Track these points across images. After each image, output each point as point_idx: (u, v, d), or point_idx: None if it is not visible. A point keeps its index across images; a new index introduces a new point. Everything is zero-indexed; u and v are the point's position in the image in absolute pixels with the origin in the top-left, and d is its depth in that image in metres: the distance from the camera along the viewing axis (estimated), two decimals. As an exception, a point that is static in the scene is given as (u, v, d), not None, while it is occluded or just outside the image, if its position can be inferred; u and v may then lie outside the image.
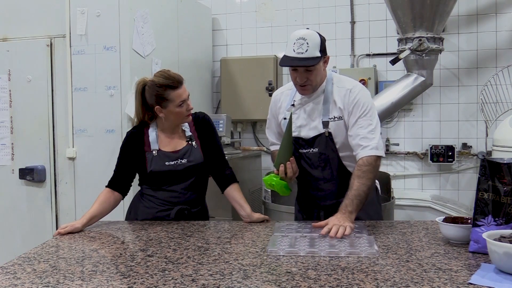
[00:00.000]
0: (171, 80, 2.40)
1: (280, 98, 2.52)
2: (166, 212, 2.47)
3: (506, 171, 1.76)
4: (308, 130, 2.39)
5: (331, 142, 2.35)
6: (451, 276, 1.54)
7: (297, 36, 2.24)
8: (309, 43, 2.23)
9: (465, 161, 4.40)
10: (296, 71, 2.30)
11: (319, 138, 2.36)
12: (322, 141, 2.36)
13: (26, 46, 3.55)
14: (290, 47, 2.25)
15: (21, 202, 3.58)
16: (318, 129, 2.37)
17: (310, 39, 2.23)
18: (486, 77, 4.25)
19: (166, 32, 3.84)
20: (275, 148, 2.58)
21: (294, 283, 1.51)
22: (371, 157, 2.23)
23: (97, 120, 3.39)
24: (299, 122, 2.41)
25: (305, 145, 2.40)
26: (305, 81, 2.30)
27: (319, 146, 2.37)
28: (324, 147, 2.36)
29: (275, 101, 2.55)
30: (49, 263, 1.77)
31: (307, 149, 2.40)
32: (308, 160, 2.41)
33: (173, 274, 1.61)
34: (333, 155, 2.37)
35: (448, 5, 3.89)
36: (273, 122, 2.57)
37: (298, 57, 2.24)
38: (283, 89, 2.57)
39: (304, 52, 2.22)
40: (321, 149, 2.37)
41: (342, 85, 2.39)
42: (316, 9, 4.68)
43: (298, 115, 2.42)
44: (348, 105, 2.32)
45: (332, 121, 2.34)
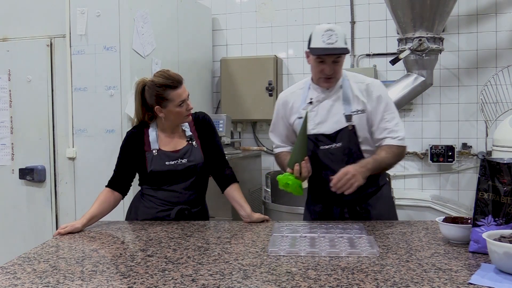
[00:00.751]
0: (171, 80, 2.40)
1: (289, 99, 2.52)
2: (166, 212, 2.47)
3: (506, 171, 1.76)
4: (329, 125, 2.40)
5: (354, 136, 2.38)
6: (451, 276, 1.54)
7: (325, 29, 2.31)
8: (337, 34, 2.30)
9: (465, 161, 4.40)
10: (323, 63, 2.35)
11: (342, 132, 2.38)
12: (345, 135, 2.38)
13: (26, 46, 3.55)
14: (318, 39, 2.31)
15: (21, 202, 3.58)
16: (340, 123, 2.39)
17: (337, 31, 2.31)
18: (486, 77, 4.25)
19: (166, 32, 3.84)
20: (280, 151, 2.59)
21: (294, 283, 1.51)
22: (399, 147, 2.39)
23: (97, 120, 3.39)
24: (318, 119, 2.42)
25: (327, 140, 2.40)
26: (332, 73, 2.35)
27: (342, 140, 2.38)
28: (347, 140, 2.38)
29: (284, 103, 2.54)
30: (49, 263, 1.77)
31: (330, 145, 2.40)
32: (331, 156, 2.40)
33: (173, 274, 1.61)
34: (355, 149, 2.39)
35: (448, 5, 3.89)
36: (280, 124, 2.56)
37: (333, 47, 2.29)
38: (290, 89, 2.58)
39: (334, 43, 2.29)
40: (344, 143, 2.38)
41: (358, 80, 2.47)
42: (316, 9, 4.69)
43: (316, 112, 2.42)
44: (370, 99, 2.40)
45: (355, 115, 2.38)
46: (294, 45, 4.76)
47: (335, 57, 2.34)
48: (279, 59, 4.70)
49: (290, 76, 4.78)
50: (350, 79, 2.46)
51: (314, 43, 2.33)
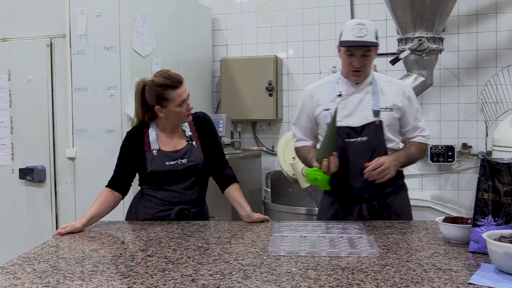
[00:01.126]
0: (171, 80, 2.40)
1: (316, 92, 2.56)
2: (166, 212, 2.47)
3: (506, 171, 1.76)
4: (357, 118, 2.43)
5: (380, 131, 2.41)
6: (451, 276, 1.54)
7: (355, 23, 2.39)
8: (368, 28, 2.36)
9: (465, 161, 4.40)
10: (353, 56, 2.40)
11: (368, 127, 2.41)
12: (372, 129, 2.41)
13: (26, 46, 3.55)
14: (349, 33, 2.37)
15: (21, 202, 3.58)
16: (368, 118, 2.42)
17: (368, 25, 2.38)
18: (486, 77, 4.25)
19: (166, 32, 3.84)
20: (301, 144, 2.60)
21: (294, 283, 1.51)
22: (426, 144, 2.56)
23: (97, 120, 3.39)
24: (346, 111, 2.44)
25: (353, 133, 2.42)
26: (361, 66, 2.40)
27: (368, 134, 2.41)
28: (373, 135, 2.41)
29: (310, 96, 2.57)
30: (49, 263, 1.77)
31: (355, 138, 2.42)
32: (355, 149, 2.42)
33: (173, 274, 1.61)
34: (380, 145, 2.42)
35: (448, 5, 3.89)
36: (304, 117, 2.58)
37: (359, 40, 2.35)
38: (317, 83, 2.62)
39: (364, 36, 2.35)
40: (370, 137, 2.41)
41: (389, 80, 2.57)
42: (316, 9, 4.69)
43: (344, 105, 2.46)
44: (402, 99, 2.48)
45: (383, 111, 2.43)
46: (294, 45, 4.76)
47: (364, 50, 2.39)
48: (279, 59, 4.69)
49: (290, 76, 4.78)
50: (380, 77, 2.55)
51: (344, 36, 2.39)
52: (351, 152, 2.42)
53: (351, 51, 2.40)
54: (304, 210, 3.72)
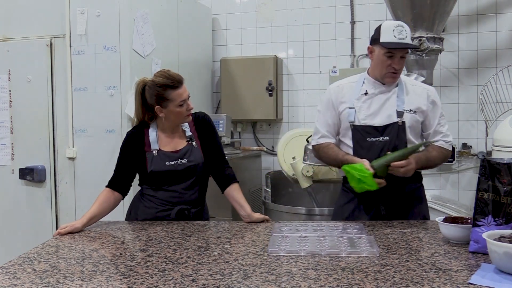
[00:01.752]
0: (171, 80, 2.40)
1: (342, 89, 2.55)
2: (166, 212, 2.47)
3: (506, 171, 1.76)
4: (381, 118, 2.45)
5: (402, 132, 2.43)
6: (451, 276, 1.54)
7: (395, 24, 2.40)
8: (406, 31, 2.39)
9: (465, 161, 4.40)
10: (392, 58, 2.40)
11: (391, 127, 2.43)
12: (394, 130, 2.43)
13: (26, 46, 3.55)
14: (389, 34, 2.37)
15: (21, 202, 3.58)
16: (391, 118, 2.44)
17: (406, 27, 2.42)
18: (486, 77, 4.25)
19: (166, 32, 3.84)
20: (325, 141, 2.57)
21: (294, 283, 1.51)
22: (448, 150, 2.56)
23: (97, 120, 3.39)
24: (371, 110, 2.46)
25: (375, 133, 2.44)
26: (399, 67, 2.42)
27: (390, 134, 2.42)
28: (395, 136, 2.42)
29: (336, 92, 2.56)
30: (49, 263, 1.77)
31: (376, 138, 2.43)
32: (376, 149, 2.43)
33: (173, 274, 1.61)
34: (401, 145, 2.43)
35: (448, 5, 3.89)
36: (329, 113, 2.56)
37: (403, 42, 2.37)
38: (341, 82, 2.61)
39: (405, 38, 2.37)
40: (392, 137, 2.42)
41: (415, 83, 2.62)
42: (316, 9, 4.69)
43: (369, 104, 2.47)
44: (427, 103, 2.50)
45: (407, 113, 2.45)
46: (294, 45, 4.76)
47: (404, 52, 2.41)
48: (279, 59, 4.69)
49: (290, 76, 4.78)
50: (406, 80, 2.57)
51: (385, 38, 2.38)
52: (372, 151, 2.43)
53: (392, 53, 2.40)
54: (304, 210, 3.72)
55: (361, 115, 2.46)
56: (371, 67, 2.53)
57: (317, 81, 4.71)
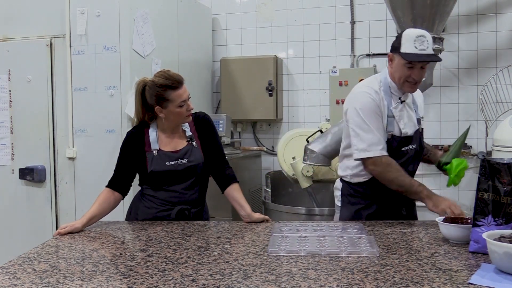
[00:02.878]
0: (171, 80, 2.39)
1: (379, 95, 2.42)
2: (166, 212, 2.47)
3: (506, 171, 1.76)
4: (410, 127, 2.48)
5: (422, 139, 2.50)
6: (451, 276, 1.54)
7: (416, 34, 2.31)
8: (428, 41, 2.32)
9: (465, 161, 4.40)
10: (412, 68, 2.35)
11: (415, 135, 2.47)
12: (417, 137, 2.48)
13: (26, 46, 3.55)
14: (411, 44, 2.30)
15: (21, 202, 3.58)
16: (415, 126, 2.49)
17: (428, 37, 2.33)
18: (486, 77, 4.25)
19: (166, 32, 3.84)
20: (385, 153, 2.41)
21: (294, 283, 1.51)
22: None
23: (97, 120, 3.39)
24: (406, 119, 2.46)
25: (408, 141, 2.46)
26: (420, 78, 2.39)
27: (415, 142, 2.47)
28: (419, 142, 2.49)
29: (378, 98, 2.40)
30: (49, 263, 1.77)
31: (407, 146, 2.46)
32: (407, 157, 2.46)
33: (173, 274, 1.61)
34: (421, 151, 2.52)
35: (448, 5, 3.89)
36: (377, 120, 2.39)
37: (426, 54, 2.31)
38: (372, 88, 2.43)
39: (426, 49, 2.31)
40: (417, 144, 2.48)
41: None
42: (316, 9, 4.69)
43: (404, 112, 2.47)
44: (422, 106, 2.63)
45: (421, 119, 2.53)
46: (294, 45, 4.76)
47: (425, 63, 2.36)
48: (279, 59, 4.69)
49: (290, 76, 4.78)
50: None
51: (405, 48, 2.31)
52: (404, 159, 2.45)
53: (412, 64, 2.34)
54: (304, 210, 3.72)
55: (401, 125, 2.43)
56: (391, 74, 2.44)
57: (317, 81, 4.71)
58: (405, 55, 2.31)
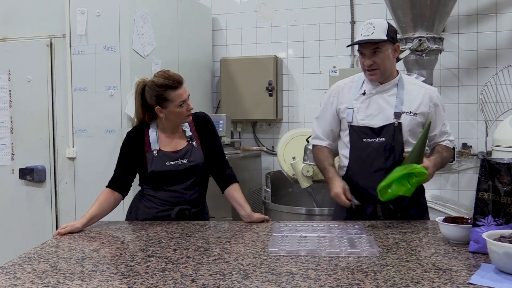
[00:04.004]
0: (171, 80, 2.39)
1: (343, 89, 2.55)
2: (166, 212, 2.47)
3: (506, 171, 1.76)
4: (378, 119, 2.44)
5: (399, 133, 2.42)
6: (451, 276, 1.54)
7: (365, 22, 2.40)
8: (375, 27, 2.36)
9: (465, 161, 4.40)
10: (363, 55, 2.40)
11: (387, 128, 2.42)
12: (390, 131, 2.42)
13: (26, 46, 3.55)
14: (359, 33, 2.40)
15: (21, 202, 3.58)
16: (388, 119, 2.43)
17: (376, 24, 2.37)
18: (486, 77, 4.25)
19: (166, 32, 3.84)
20: (317, 143, 2.58)
21: (294, 283, 1.51)
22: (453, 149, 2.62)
23: (97, 120, 3.39)
24: (369, 111, 2.45)
25: (372, 134, 2.43)
26: (372, 64, 2.39)
27: (386, 135, 2.42)
28: (391, 137, 2.42)
29: (337, 91, 2.55)
30: (49, 263, 1.77)
31: (373, 139, 2.43)
32: (372, 150, 2.43)
33: (173, 274, 1.61)
34: (398, 147, 2.42)
35: (448, 5, 3.89)
36: (329, 113, 2.55)
37: (365, 39, 2.36)
38: (344, 81, 2.61)
39: (370, 35, 2.35)
40: (388, 138, 2.42)
41: (417, 83, 2.57)
42: (316, 9, 4.69)
43: (367, 104, 2.46)
44: (429, 105, 2.48)
45: (406, 114, 2.44)
46: (294, 45, 4.76)
47: (373, 48, 2.38)
48: (279, 59, 4.69)
49: (290, 76, 4.78)
50: (408, 80, 2.54)
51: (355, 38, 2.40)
52: (368, 152, 2.43)
53: (361, 50, 2.41)
54: (304, 210, 3.71)
55: (359, 116, 2.45)
56: None
57: (317, 81, 4.71)
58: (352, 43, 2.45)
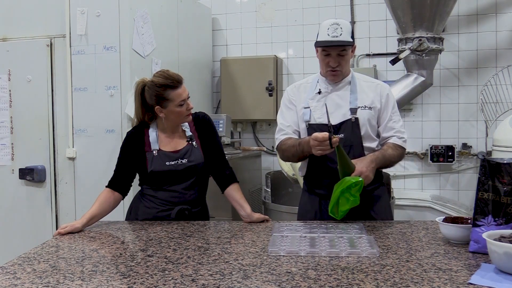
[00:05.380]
0: (171, 80, 2.40)
1: (298, 89, 2.59)
2: (166, 212, 2.47)
3: (506, 171, 1.76)
4: (336, 116, 2.44)
5: (356, 128, 2.43)
6: (451, 276, 1.54)
7: (331, 22, 2.41)
8: (343, 28, 2.39)
9: (465, 161, 4.40)
10: (329, 56, 2.43)
11: (345, 124, 2.44)
12: (348, 127, 2.43)
13: (26, 46, 3.55)
14: (324, 33, 2.40)
15: (21, 202, 3.58)
16: (345, 116, 2.45)
17: (343, 25, 2.41)
18: (486, 77, 4.25)
19: (166, 32, 3.84)
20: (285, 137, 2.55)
21: (294, 283, 1.51)
22: (402, 148, 2.50)
23: (97, 120, 3.39)
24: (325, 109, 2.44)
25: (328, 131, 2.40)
26: (337, 65, 2.43)
27: (345, 131, 2.43)
28: (350, 132, 2.43)
29: (293, 93, 2.59)
30: (49, 263, 1.77)
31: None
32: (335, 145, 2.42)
33: (173, 274, 1.61)
34: (357, 142, 2.44)
35: (448, 5, 3.89)
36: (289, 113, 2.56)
37: (335, 40, 2.38)
38: (299, 83, 2.66)
39: (339, 36, 2.38)
40: (347, 135, 2.43)
41: (368, 80, 2.59)
42: (316, 9, 4.69)
43: (323, 102, 2.47)
44: (380, 98, 2.49)
45: (362, 109, 2.45)
46: (294, 45, 4.76)
47: (340, 50, 2.42)
48: (279, 59, 4.69)
49: (290, 76, 4.78)
50: (359, 77, 2.57)
51: (320, 37, 2.42)
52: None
53: (327, 51, 2.43)
54: (304, 210, 3.71)
55: (316, 114, 2.47)
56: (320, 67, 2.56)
57: (317, 81, 4.70)
58: (318, 42, 2.43)
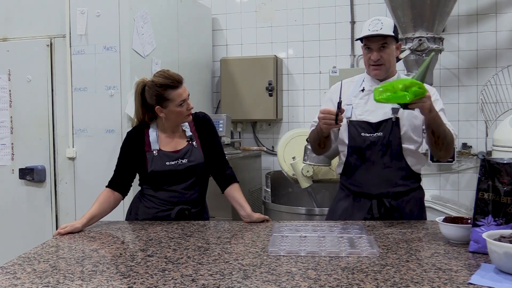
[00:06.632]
0: (171, 80, 2.40)
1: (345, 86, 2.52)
2: (166, 212, 2.47)
3: (506, 171, 1.76)
4: (376, 115, 2.45)
5: (396, 128, 2.42)
6: (451, 276, 1.54)
7: (372, 19, 2.46)
8: (383, 23, 2.40)
9: (465, 161, 4.40)
10: (371, 51, 2.43)
11: (385, 123, 2.44)
12: (388, 126, 2.43)
13: (26, 46, 3.55)
14: (365, 28, 2.43)
15: (21, 202, 3.58)
16: (386, 115, 2.44)
17: (384, 20, 2.42)
18: (486, 77, 4.25)
19: (166, 32, 3.84)
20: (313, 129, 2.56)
21: (294, 283, 1.51)
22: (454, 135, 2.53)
23: (97, 120, 3.39)
24: (367, 106, 2.47)
25: (370, 128, 2.44)
26: (379, 59, 2.42)
27: (383, 130, 2.43)
28: (388, 132, 2.43)
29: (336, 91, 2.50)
30: (49, 263, 1.77)
31: (370, 133, 2.44)
32: (370, 144, 2.44)
33: (173, 274, 1.61)
34: (395, 142, 2.43)
35: (448, 5, 3.89)
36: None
37: (374, 33, 2.38)
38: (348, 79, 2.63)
39: (379, 30, 2.39)
40: (385, 133, 2.43)
41: None
42: (316, 9, 4.69)
43: (366, 100, 2.48)
44: None
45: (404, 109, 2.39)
46: (294, 45, 4.76)
47: (381, 43, 2.41)
48: (279, 59, 4.69)
49: (290, 76, 4.78)
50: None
51: (362, 33, 2.44)
52: (365, 146, 2.44)
53: (368, 45, 2.43)
54: (304, 210, 3.72)
55: (358, 111, 2.48)
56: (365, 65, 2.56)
57: (317, 81, 4.71)
58: (360, 37, 2.45)
